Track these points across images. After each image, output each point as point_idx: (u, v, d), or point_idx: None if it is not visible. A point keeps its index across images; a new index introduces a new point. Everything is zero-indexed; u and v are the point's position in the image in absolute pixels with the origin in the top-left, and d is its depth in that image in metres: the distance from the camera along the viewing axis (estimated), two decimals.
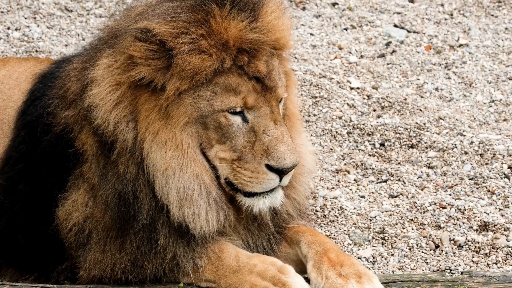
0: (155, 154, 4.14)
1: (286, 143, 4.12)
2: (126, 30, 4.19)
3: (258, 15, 4.17)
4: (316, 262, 4.32)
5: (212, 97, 4.12)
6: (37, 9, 7.97)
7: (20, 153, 4.58)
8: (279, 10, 4.27)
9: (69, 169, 4.40)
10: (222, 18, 4.09)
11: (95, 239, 4.35)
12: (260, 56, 4.16)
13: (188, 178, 4.16)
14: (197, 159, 4.19)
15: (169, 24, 4.07)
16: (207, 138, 4.18)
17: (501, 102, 6.86)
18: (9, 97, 5.16)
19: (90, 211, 4.35)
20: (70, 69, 4.55)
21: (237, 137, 4.16)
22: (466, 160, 6.06)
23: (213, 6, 4.10)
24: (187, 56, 4.05)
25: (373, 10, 8.36)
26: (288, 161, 4.10)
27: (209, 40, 4.07)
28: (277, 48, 4.27)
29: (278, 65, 4.26)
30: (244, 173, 4.16)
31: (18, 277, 4.58)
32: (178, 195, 4.16)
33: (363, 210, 5.55)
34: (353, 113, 6.59)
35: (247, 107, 4.14)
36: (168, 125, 4.13)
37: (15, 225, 4.53)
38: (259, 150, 4.13)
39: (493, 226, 5.31)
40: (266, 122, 4.15)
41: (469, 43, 7.77)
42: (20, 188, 4.53)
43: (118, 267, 4.30)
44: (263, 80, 4.15)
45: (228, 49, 4.10)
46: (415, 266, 5.07)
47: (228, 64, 4.10)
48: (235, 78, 4.12)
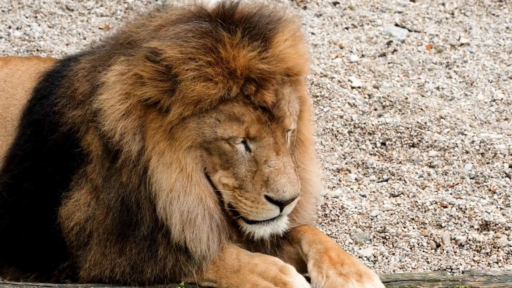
0: (161, 175, 4.13)
1: (287, 175, 4.08)
2: (141, 44, 4.16)
3: (270, 44, 4.11)
4: (316, 261, 4.32)
5: (216, 124, 4.08)
6: (38, 8, 7.98)
7: (26, 152, 4.58)
8: (293, 37, 4.21)
9: (73, 168, 4.40)
10: (232, 46, 4.04)
11: (96, 240, 4.35)
12: (268, 85, 4.10)
13: (193, 202, 4.14)
14: (201, 183, 4.17)
15: (178, 48, 4.03)
16: (211, 163, 4.16)
17: (502, 101, 6.86)
18: (12, 95, 5.16)
19: (92, 211, 4.35)
20: (78, 69, 4.54)
21: (239, 164, 4.12)
22: (467, 159, 6.06)
23: (224, 33, 4.05)
24: (191, 83, 4.01)
25: (374, 9, 8.36)
26: (288, 193, 4.07)
27: (216, 68, 4.02)
28: (291, 75, 4.21)
29: (290, 93, 4.20)
30: (245, 202, 4.14)
31: (20, 275, 4.58)
32: (181, 218, 4.15)
33: (364, 209, 5.55)
34: (354, 112, 6.59)
35: (249, 137, 4.10)
36: (173, 147, 4.12)
37: (19, 223, 4.53)
38: (259, 180, 4.10)
39: (494, 225, 5.31)
40: (268, 152, 4.10)
41: (470, 42, 7.77)
42: (25, 186, 4.53)
43: (118, 270, 4.30)
44: (269, 110, 4.10)
45: (236, 78, 4.05)
46: (416, 265, 5.08)
47: (235, 93, 4.05)
48: (240, 107, 4.07)
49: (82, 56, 4.69)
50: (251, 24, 4.14)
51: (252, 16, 4.19)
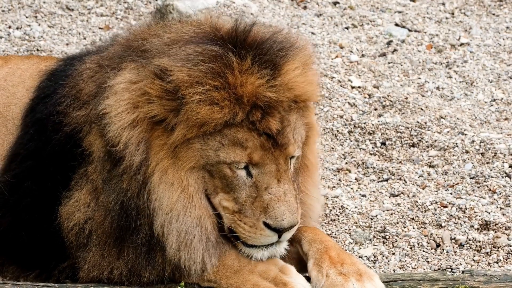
0: (163, 193, 4.12)
1: (287, 203, 4.07)
2: (153, 57, 4.15)
3: (279, 72, 4.09)
4: (317, 260, 4.32)
5: (219, 148, 4.07)
6: (38, 8, 7.98)
7: (29, 151, 4.58)
8: (303, 65, 4.19)
9: (75, 168, 4.40)
10: (240, 72, 4.03)
11: (95, 242, 4.35)
12: (274, 112, 4.08)
13: (191, 223, 4.14)
14: (202, 204, 4.16)
15: (186, 71, 4.02)
16: (213, 185, 4.15)
17: (502, 101, 6.86)
18: (13, 94, 5.15)
19: (92, 212, 4.34)
20: (83, 69, 4.53)
21: (240, 189, 4.12)
22: (467, 159, 6.06)
23: (233, 59, 4.03)
24: (196, 106, 4.00)
25: (374, 9, 8.36)
26: (286, 222, 4.06)
27: (223, 93, 4.01)
28: (298, 102, 4.19)
29: (296, 119, 4.18)
30: (244, 227, 4.13)
31: (20, 274, 4.58)
32: (179, 238, 4.15)
33: (364, 209, 5.55)
34: (354, 112, 6.59)
35: (252, 163, 4.08)
36: (176, 166, 4.11)
37: (20, 222, 4.53)
38: (259, 206, 4.09)
39: (494, 225, 5.31)
40: (269, 179, 4.09)
41: (470, 42, 7.77)
42: (26, 185, 4.53)
43: (116, 272, 4.31)
44: (274, 136, 4.08)
45: (242, 104, 4.03)
46: (416, 265, 5.08)
47: (240, 119, 4.04)
48: (244, 133, 4.06)
49: (87, 56, 4.67)
50: (262, 50, 4.12)
51: (264, 42, 4.17)
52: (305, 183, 4.41)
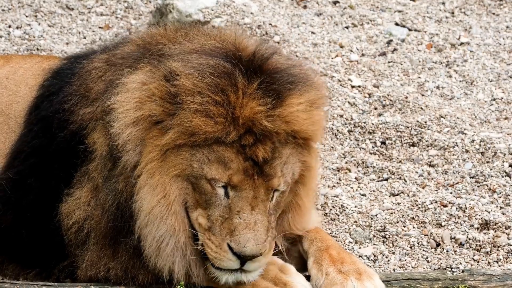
0: (145, 196, 4.12)
1: (255, 232, 4.02)
2: (169, 60, 4.16)
3: (281, 104, 4.06)
4: (317, 258, 4.33)
5: (205, 161, 4.05)
6: (38, 7, 7.97)
7: (34, 148, 4.58)
8: (310, 103, 4.15)
9: (77, 165, 4.40)
10: (244, 94, 4.02)
11: (93, 241, 4.35)
12: (267, 141, 4.05)
13: (166, 231, 4.13)
14: (179, 215, 4.14)
15: (192, 80, 4.02)
16: (193, 198, 4.14)
17: (502, 101, 6.86)
18: (15, 92, 5.15)
19: (91, 211, 4.35)
20: (91, 68, 4.53)
21: (215, 207, 4.09)
22: (467, 159, 6.06)
23: (240, 79, 4.03)
24: (190, 114, 4.00)
25: (374, 8, 8.35)
26: (248, 249, 4.01)
27: (221, 109, 4.00)
28: (297, 138, 4.15)
29: (290, 154, 4.14)
30: (211, 246, 4.09)
31: (20, 272, 4.58)
32: (151, 244, 4.14)
33: (364, 208, 5.55)
34: (354, 111, 6.59)
35: (231, 184, 4.05)
36: (163, 170, 4.11)
37: (21, 220, 4.53)
38: (227, 228, 4.05)
39: (494, 225, 5.31)
40: (243, 205, 4.05)
41: (470, 41, 7.77)
42: (29, 182, 4.53)
43: (112, 273, 4.31)
44: (261, 165, 4.06)
45: (237, 125, 4.02)
46: (416, 265, 5.08)
47: (232, 139, 4.02)
48: (231, 154, 4.03)
49: (95, 54, 4.68)
50: (273, 79, 4.10)
51: (277, 72, 4.15)
52: (295, 222, 4.37)
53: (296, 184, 4.28)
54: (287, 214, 4.35)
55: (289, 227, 4.36)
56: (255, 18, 7.58)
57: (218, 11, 7.58)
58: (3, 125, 5.05)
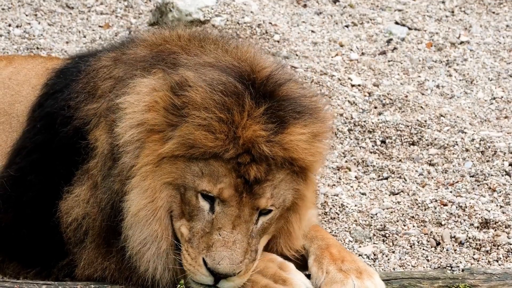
0: (134, 197, 4.13)
1: (232, 252, 4.02)
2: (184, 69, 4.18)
3: (283, 131, 4.08)
4: (317, 256, 4.33)
5: (198, 174, 4.07)
6: (38, 6, 7.97)
7: (36, 144, 4.58)
8: (313, 134, 4.17)
9: (78, 163, 4.40)
10: (249, 116, 4.04)
11: (90, 239, 4.36)
12: (262, 163, 4.07)
13: (149, 235, 4.14)
14: (163, 222, 4.15)
15: (201, 95, 4.04)
16: (179, 208, 4.15)
17: (502, 99, 6.86)
18: (18, 92, 5.17)
19: (90, 209, 4.35)
20: (99, 67, 4.54)
21: (198, 220, 4.10)
22: (467, 157, 6.06)
23: (248, 101, 4.04)
24: (193, 128, 4.02)
25: (374, 7, 8.36)
26: (222, 267, 4.01)
27: (223, 126, 4.02)
28: (294, 165, 4.16)
29: (282, 179, 4.15)
30: (187, 258, 4.10)
31: (20, 271, 4.58)
32: (136, 246, 4.15)
33: (364, 207, 5.55)
34: (354, 110, 6.59)
35: (220, 198, 4.06)
36: (156, 175, 4.12)
37: (22, 218, 4.53)
38: (205, 242, 4.05)
39: (494, 223, 5.31)
40: (226, 222, 4.06)
41: (470, 40, 7.77)
42: (30, 179, 4.53)
43: (108, 273, 4.32)
44: (252, 184, 4.07)
45: (237, 144, 4.03)
46: (416, 263, 5.08)
47: (229, 156, 4.04)
48: (225, 169, 4.04)
49: (102, 53, 4.68)
50: (281, 106, 4.12)
51: (287, 99, 4.16)
52: (286, 247, 4.37)
53: (288, 211, 4.29)
54: (278, 239, 4.36)
55: (281, 250, 4.37)
56: (255, 17, 7.58)
57: (218, 10, 7.58)
58: (5, 125, 5.06)
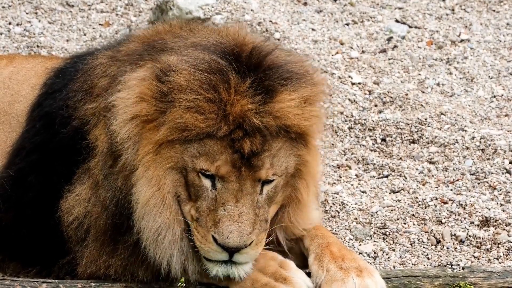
0: (141, 188, 4.14)
1: (238, 224, 4.03)
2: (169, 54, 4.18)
3: (271, 100, 4.08)
4: (318, 255, 4.33)
5: (195, 155, 4.08)
6: (38, 4, 7.97)
7: (35, 144, 4.59)
8: (304, 98, 4.15)
9: (79, 162, 4.41)
10: (236, 92, 4.04)
11: (93, 237, 4.36)
12: (257, 135, 4.07)
13: (163, 223, 4.15)
14: (172, 208, 4.17)
15: (185, 76, 4.05)
16: (185, 191, 4.16)
17: (502, 98, 6.86)
18: (18, 92, 5.16)
19: (91, 207, 4.36)
20: (96, 64, 4.55)
21: (203, 199, 4.11)
22: (468, 156, 6.06)
23: (233, 77, 4.05)
24: (182, 111, 4.03)
25: (375, 5, 8.35)
26: (231, 241, 4.03)
27: (212, 105, 4.03)
28: (290, 132, 4.15)
29: (281, 148, 4.15)
30: (197, 236, 4.12)
31: (20, 271, 4.59)
32: (151, 235, 4.16)
33: (364, 205, 5.55)
34: (354, 108, 6.59)
35: (218, 175, 4.07)
36: (157, 162, 4.13)
37: (22, 217, 4.54)
38: (212, 219, 4.07)
39: (495, 222, 5.32)
40: (228, 197, 4.07)
41: (470, 38, 7.76)
42: (30, 179, 4.53)
43: (112, 270, 4.32)
44: (249, 157, 4.07)
45: (228, 121, 4.04)
46: (417, 262, 5.08)
47: (223, 133, 4.05)
48: (221, 147, 4.06)
49: (99, 51, 4.69)
50: (267, 75, 4.11)
51: (273, 68, 4.15)
52: (296, 216, 4.37)
53: (294, 178, 4.29)
54: (287, 208, 4.35)
55: (289, 221, 4.36)
56: (255, 15, 7.58)
57: (218, 8, 7.57)
58: (5, 125, 5.06)
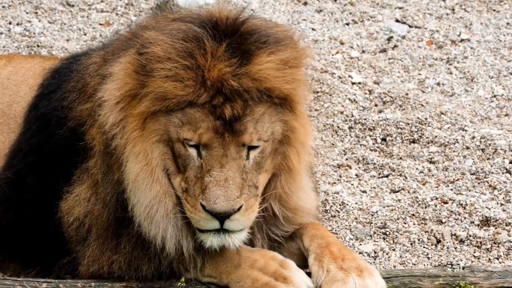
0: (130, 164, 4.15)
1: (225, 189, 4.02)
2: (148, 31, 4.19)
3: (248, 62, 4.07)
4: (317, 255, 4.33)
5: (179, 125, 4.09)
6: (38, 4, 7.97)
7: (32, 146, 4.59)
8: (283, 62, 4.14)
9: (77, 163, 4.41)
10: (212, 56, 4.04)
11: (94, 236, 4.36)
12: (237, 99, 4.06)
13: (154, 198, 4.15)
14: (162, 182, 4.16)
15: (162, 46, 4.07)
16: (174, 164, 4.16)
17: (502, 97, 6.86)
18: (16, 92, 5.17)
19: (92, 207, 4.36)
20: (89, 64, 4.56)
21: (190, 169, 4.11)
22: (468, 155, 6.06)
23: (208, 43, 4.05)
24: (161, 80, 4.04)
25: (375, 5, 8.35)
26: (218, 206, 4.01)
27: (190, 72, 4.03)
28: (273, 96, 4.14)
29: (265, 112, 4.14)
30: (187, 206, 4.12)
31: (21, 271, 4.59)
32: (143, 210, 4.15)
33: (364, 205, 5.55)
34: (354, 108, 6.59)
35: (201, 143, 4.08)
36: (143, 137, 4.14)
37: (21, 218, 4.54)
38: (199, 187, 4.07)
39: (495, 221, 5.32)
40: (213, 163, 4.06)
41: (470, 38, 7.76)
42: (28, 181, 4.53)
43: (115, 266, 4.31)
44: (230, 122, 4.06)
45: (207, 87, 4.04)
46: (417, 261, 5.08)
47: (203, 100, 4.05)
48: (202, 114, 4.06)
49: (93, 51, 4.70)
50: (244, 39, 4.12)
51: (250, 32, 4.16)
52: (288, 185, 4.35)
53: (283, 145, 4.27)
54: (279, 177, 4.33)
55: (282, 190, 4.33)
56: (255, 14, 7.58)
57: None
58: (3, 126, 5.06)
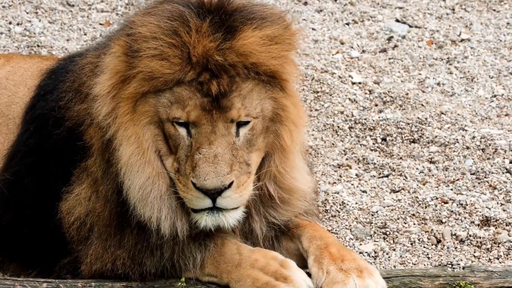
0: (122, 148, 4.16)
1: (214, 165, 4.02)
2: (136, 15, 4.25)
3: (232, 37, 4.08)
4: (317, 256, 4.32)
5: (167, 105, 4.10)
6: (38, 3, 7.97)
7: (29, 147, 4.59)
8: (269, 38, 4.14)
9: (75, 162, 4.41)
10: (196, 33, 4.05)
11: (97, 234, 4.36)
12: (224, 75, 4.07)
13: (147, 180, 4.15)
14: (154, 163, 4.17)
15: (148, 26, 4.09)
16: (166, 145, 4.18)
17: (503, 97, 6.86)
18: (15, 93, 5.17)
19: (93, 205, 4.36)
20: (84, 63, 4.56)
21: (181, 149, 4.12)
22: (468, 155, 6.06)
23: (193, 20, 4.07)
24: (148, 60, 4.05)
25: (375, 4, 8.35)
26: (209, 182, 4.01)
27: (176, 50, 4.05)
28: (260, 73, 4.14)
29: (252, 89, 4.14)
30: (180, 186, 4.13)
31: (21, 272, 4.59)
32: (136, 192, 4.16)
33: (364, 205, 5.55)
34: (354, 108, 6.59)
35: (190, 121, 4.09)
36: (134, 120, 4.15)
37: (21, 219, 4.54)
38: (189, 165, 4.08)
39: (495, 221, 5.32)
40: (202, 140, 4.06)
41: (471, 38, 7.76)
42: (26, 182, 4.53)
43: (119, 263, 4.31)
44: (218, 98, 4.07)
45: (193, 64, 4.06)
46: (417, 261, 5.08)
47: (190, 78, 4.06)
48: (189, 92, 4.07)
49: (89, 51, 4.71)
50: (229, 16, 4.13)
51: (236, 9, 4.17)
52: (282, 164, 4.33)
53: (275, 124, 4.26)
54: (272, 156, 4.32)
55: (276, 169, 4.32)
56: None
57: None
58: (2, 127, 5.06)
